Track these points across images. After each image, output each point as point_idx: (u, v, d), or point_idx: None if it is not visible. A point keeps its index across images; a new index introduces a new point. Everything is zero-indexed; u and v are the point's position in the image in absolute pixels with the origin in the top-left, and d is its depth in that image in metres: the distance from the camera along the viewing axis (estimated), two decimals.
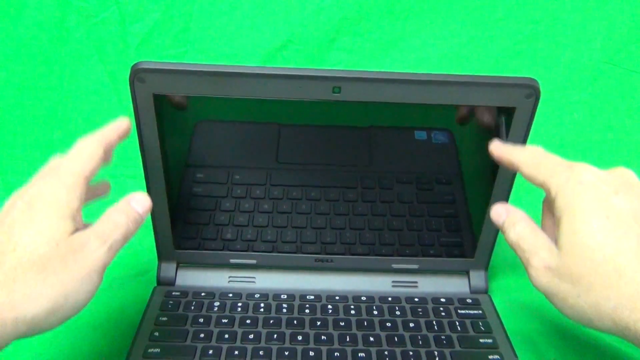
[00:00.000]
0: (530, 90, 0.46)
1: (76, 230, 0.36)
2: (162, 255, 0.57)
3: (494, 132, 0.50)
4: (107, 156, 0.41)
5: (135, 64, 0.45)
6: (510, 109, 0.47)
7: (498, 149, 0.44)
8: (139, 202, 0.40)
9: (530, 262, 0.38)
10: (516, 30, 0.74)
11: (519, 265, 0.61)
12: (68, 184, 0.37)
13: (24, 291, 0.32)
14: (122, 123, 0.43)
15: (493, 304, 0.56)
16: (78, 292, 0.34)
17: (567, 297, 0.35)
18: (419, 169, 0.55)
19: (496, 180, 0.52)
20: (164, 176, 0.51)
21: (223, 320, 0.52)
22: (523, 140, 0.49)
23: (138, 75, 0.45)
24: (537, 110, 0.47)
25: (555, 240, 0.37)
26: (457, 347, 0.50)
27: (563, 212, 0.36)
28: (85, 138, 0.41)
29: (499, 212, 0.42)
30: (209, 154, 0.54)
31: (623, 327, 0.33)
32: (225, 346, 0.49)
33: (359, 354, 0.48)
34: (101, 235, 0.36)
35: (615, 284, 0.33)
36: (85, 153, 0.39)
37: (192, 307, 0.53)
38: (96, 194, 0.46)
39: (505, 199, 0.52)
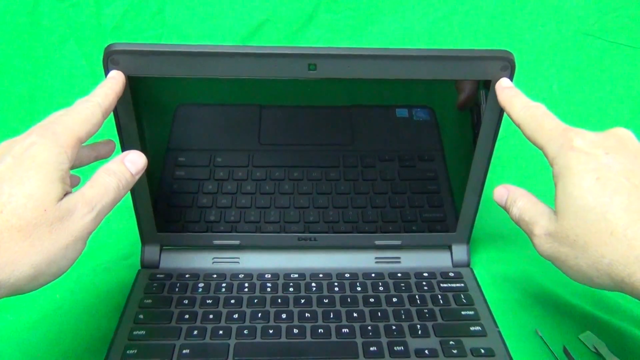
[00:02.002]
0: (505, 63, 0.46)
1: (65, 194, 0.35)
2: (145, 238, 0.57)
3: (473, 106, 0.50)
4: (107, 114, 0.41)
5: (108, 46, 0.44)
6: (486, 82, 0.47)
7: (502, 94, 0.45)
8: (133, 161, 0.40)
9: (533, 231, 0.39)
10: (495, 3, 0.74)
11: (500, 238, 0.63)
12: (61, 142, 0.36)
13: (8, 256, 0.32)
14: (118, 79, 0.43)
15: (475, 276, 0.57)
16: (61, 260, 0.34)
17: (567, 260, 0.37)
18: (401, 146, 0.55)
19: (475, 153, 0.52)
20: None
21: (207, 301, 0.52)
22: (499, 115, 0.49)
23: (111, 57, 0.44)
24: (516, 82, 0.47)
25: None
26: (440, 320, 0.50)
27: (558, 178, 0.37)
28: (84, 100, 0.40)
29: (500, 192, 0.43)
30: (191, 137, 0.54)
31: (619, 281, 0.34)
32: (209, 326, 0.49)
33: (343, 330, 0.49)
34: (89, 202, 0.36)
35: (608, 241, 0.34)
36: (83, 114, 0.38)
37: (177, 289, 0.53)
38: (99, 154, 0.45)
39: (484, 172, 0.53)
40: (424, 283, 0.55)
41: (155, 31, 0.72)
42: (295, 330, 0.49)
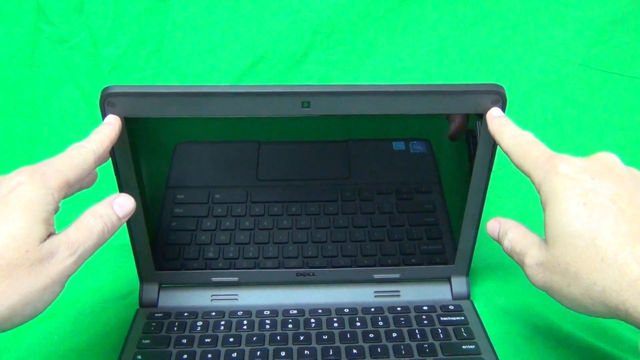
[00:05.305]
0: (496, 97, 0.46)
1: (48, 235, 0.35)
2: (144, 277, 0.56)
3: (469, 135, 0.50)
4: (101, 161, 0.42)
5: (105, 89, 0.45)
6: (479, 115, 0.48)
7: (492, 123, 0.46)
8: (120, 205, 0.40)
9: (525, 262, 0.39)
10: (487, 36, 0.75)
11: (499, 269, 0.63)
12: (49, 184, 0.36)
13: None
14: (114, 124, 0.44)
15: (475, 309, 0.56)
16: (38, 302, 0.34)
17: (560, 288, 0.36)
18: (399, 179, 0.55)
19: (470, 185, 0.52)
20: (141, 199, 0.51)
21: (206, 340, 0.51)
22: (492, 146, 0.49)
23: (108, 99, 0.45)
24: (511, 113, 0.47)
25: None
26: (440, 355, 0.50)
27: (545, 204, 0.37)
28: (79, 145, 0.40)
29: (492, 226, 0.44)
30: (190, 175, 0.54)
31: (614, 308, 0.33)
32: None
33: None
34: (72, 245, 0.35)
35: (599, 267, 0.33)
36: (75, 159, 0.39)
37: (175, 328, 0.53)
38: (82, 185, 0.45)
39: (481, 203, 0.53)
40: (424, 317, 0.54)
41: (153, 70, 0.73)
42: None
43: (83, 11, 0.71)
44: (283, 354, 0.50)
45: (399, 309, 0.56)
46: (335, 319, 0.54)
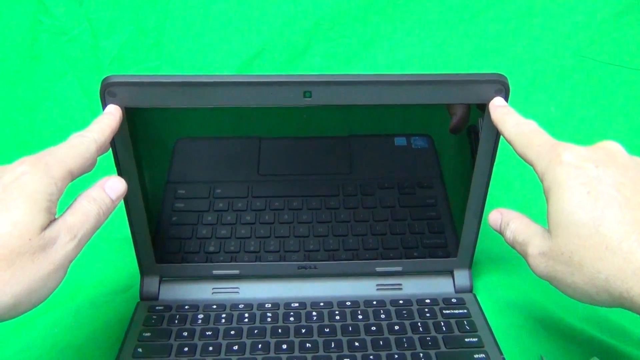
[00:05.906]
0: (499, 86, 0.46)
1: (49, 222, 0.35)
2: (145, 270, 0.56)
3: (470, 130, 0.50)
4: (103, 150, 0.42)
5: (105, 78, 0.44)
6: (481, 105, 0.47)
7: (495, 112, 0.45)
8: (112, 187, 0.40)
9: (527, 252, 0.38)
10: (488, 28, 0.74)
11: (502, 262, 0.62)
12: (52, 173, 0.36)
13: None
14: (115, 114, 0.44)
15: (478, 302, 0.56)
16: (42, 289, 0.34)
17: (564, 278, 0.36)
18: (400, 174, 0.55)
19: (473, 178, 0.52)
20: (142, 192, 0.51)
21: (207, 333, 0.51)
22: (495, 138, 0.49)
23: (108, 89, 0.44)
24: (514, 105, 0.47)
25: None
26: (443, 348, 0.50)
27: (548, 194, 0.37)
28: (80, 134, 0.40)
29: (494, 217, 0.43)
30: (191, 170, 0.54)
31: (618, 297, 0.33)
32: (209, 359, 0.48)
33: None
34: (71, 229, 0.36)
35: (603, 256, 0.33)
36: (77, 148, 0.39)
37: (176, 321, 0.53)
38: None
39: (483, 196, 0.53)
40: (426, 310, 0.54)
41: (153, 63, 0.73)
42: None
43: (83, 3, 0.71)
44: (284, 346, 0.50)
45: (401, 302, 0.55)
46: (337, 312, 0.54)
